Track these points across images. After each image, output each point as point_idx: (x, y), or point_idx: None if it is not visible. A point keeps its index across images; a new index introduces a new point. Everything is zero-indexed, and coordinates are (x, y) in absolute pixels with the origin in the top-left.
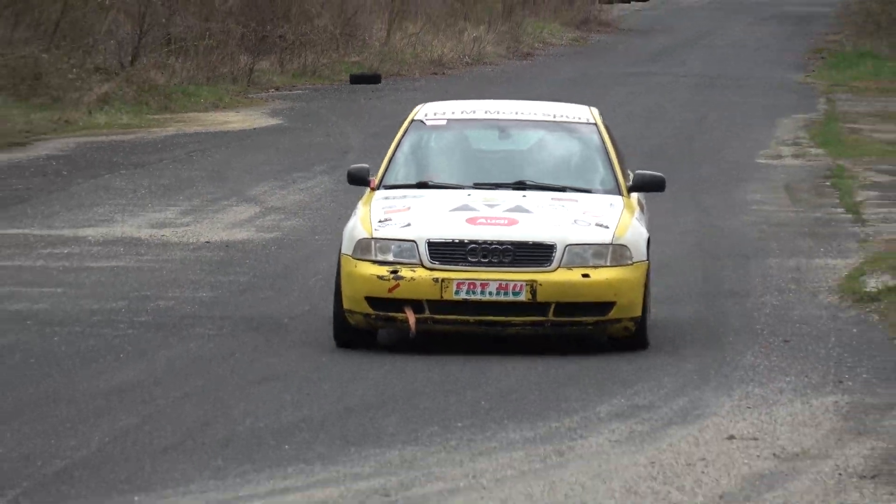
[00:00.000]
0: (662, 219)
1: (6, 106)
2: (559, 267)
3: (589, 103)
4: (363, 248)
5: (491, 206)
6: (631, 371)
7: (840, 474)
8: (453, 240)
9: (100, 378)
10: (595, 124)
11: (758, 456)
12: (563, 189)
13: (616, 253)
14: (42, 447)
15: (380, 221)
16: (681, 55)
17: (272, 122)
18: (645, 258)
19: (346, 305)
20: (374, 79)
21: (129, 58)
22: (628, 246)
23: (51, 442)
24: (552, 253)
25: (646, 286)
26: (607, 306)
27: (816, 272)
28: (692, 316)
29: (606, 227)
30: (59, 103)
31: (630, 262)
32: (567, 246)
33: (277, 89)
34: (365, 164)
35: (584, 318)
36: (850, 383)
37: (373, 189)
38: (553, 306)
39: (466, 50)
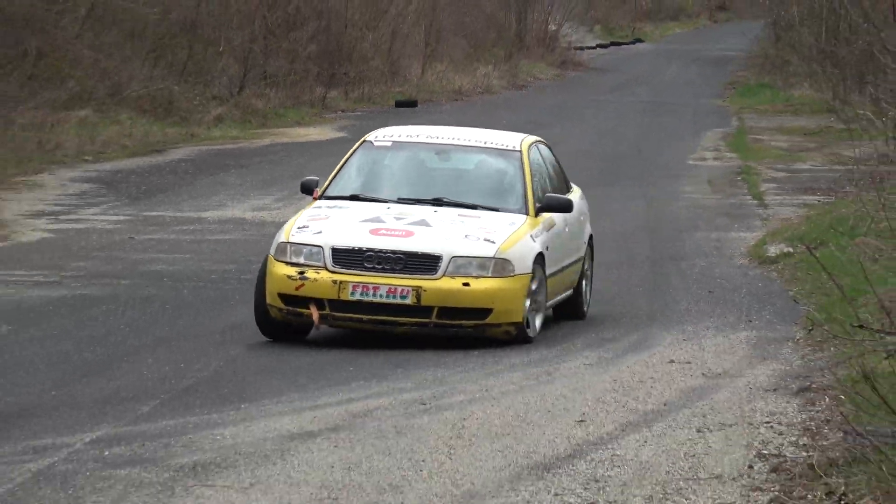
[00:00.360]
0: (619, 205)
1: (148, 124)
2: (444, 275)
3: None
4: (281, 251)
5: (399, 219)
6: (598, 315)
7: (750, 388)
8: (353, 247)
9: (216, 319)
10: (519, 152)
11: (691, 375)
12: (474, 207)
13: (498, 266)
14: (174, 370)
15: (298, 228)
16: (632, 87)
17: (339, 135)
18: (529, 271)
19: (268, 300)
20: (412, 104)
21: (237, 89)
22: (511, 260)
23: (181, 366)
24: (438, 263)
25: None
26: (485, 312)
27: (732, 242)
28: (642, 274)
29: (493, 242)
30: (186, 122)
31: (511, 274)
32: (452, 257)
33: (343, 111)
34: (315, 177)
35: (463, 322)
36: (756, 322)
37: (315, 199)
38: (436, 310)
39: (478, 83)
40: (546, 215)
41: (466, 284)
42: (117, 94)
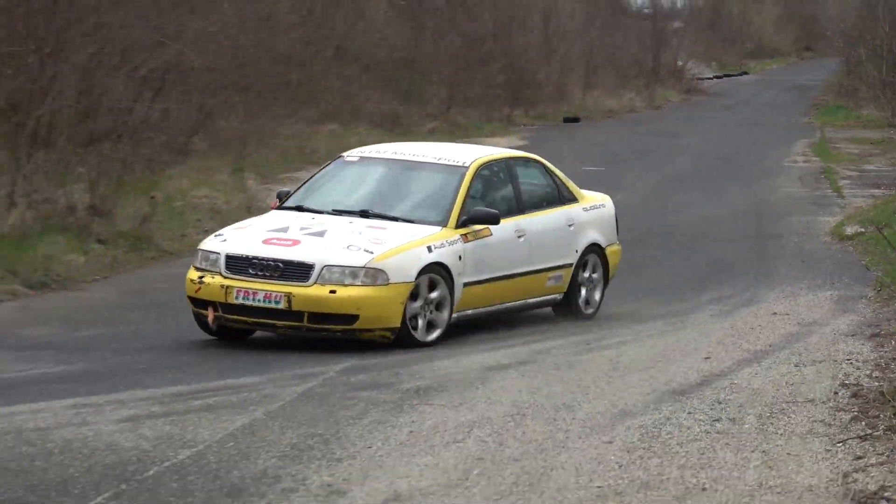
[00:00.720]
0: (731, 195)
1: (379, 134)
2: (315, 283)
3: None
4: (195, 256)
5: (303, 229)
6: (719, 278)
7: (834, 333)
8: (241, 255)
9: None
10: (466, 168)
11: (789, 323)
12: (393, 218)
13: (368, 274)
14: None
15: (215, 236)
16: (740, 108)
17: (522, 142)
18: (411, 280)
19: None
20: (576, 119)
21: (445, 108)
22: (385, 269)
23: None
24: (310, 271)
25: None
26: (352, 318)
27: (818, 224)
28: (749, 249)
29: (371, 252)
30: (407, 133)
31: (384, 282)
32: (325, 266)
33: (524, 125)
34: (287, 189)
35: (332, 326)
36: (838, 284)
37: (272, 208)
38: (307, 314)
39: (625, 104)
40: (477, 227)
41: (333, 292)
42: (357, 112)
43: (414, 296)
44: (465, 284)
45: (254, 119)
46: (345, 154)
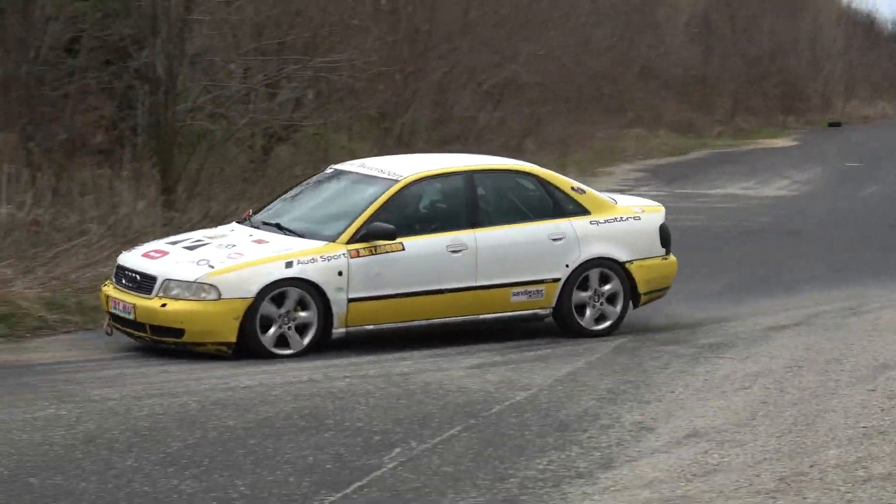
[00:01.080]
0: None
1: (676, 137)
2: (156, 295)
3: None
4: None
5: (195, 241)
6: None
7: None
8: (120, 266)
9: (713, 255)
10: (394, 182)
11: None
12: (291, 232)
13: (198, 290)
14: (695, 291)
15: (136, 247)
16: None
17: (793, 143)
18: (249, 296)
19: None
20: (837, 125)
21: (730, 116)
22: (216, 285)
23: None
24: (153, 284)
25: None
26: (179, 331)
27: None
28: None
29: (212, 267)
30: (699, 136)
31: (216, 298)
32: (165, 280)
33: (795, 129)
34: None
35: (166, 339)
36: None
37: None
38: (148, 326)
39: (878, 112)
40: (381, 242)
41: (164, 305)
42: (658, 119)
43: (267, 310)
44: (353, 300)
45: (574, 125)
46: (329, 167)
